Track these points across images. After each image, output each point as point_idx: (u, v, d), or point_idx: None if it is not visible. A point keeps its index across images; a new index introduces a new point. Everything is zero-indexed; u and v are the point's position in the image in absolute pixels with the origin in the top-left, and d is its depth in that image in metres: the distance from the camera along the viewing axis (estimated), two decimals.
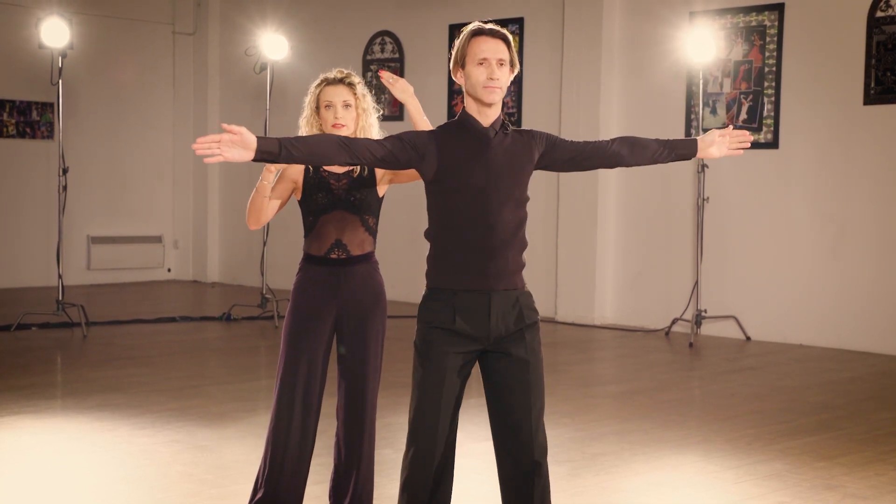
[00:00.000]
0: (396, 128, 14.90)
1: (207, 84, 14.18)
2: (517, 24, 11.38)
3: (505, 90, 3.65)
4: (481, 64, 3.60)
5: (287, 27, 12.03)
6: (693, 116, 10.26)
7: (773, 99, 9.83)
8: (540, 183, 10.94)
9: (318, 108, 4.22)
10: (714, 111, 10.17)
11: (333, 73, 4.27)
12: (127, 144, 13.95)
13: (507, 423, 3.62)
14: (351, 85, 4.24)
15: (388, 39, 12.58)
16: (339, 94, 4.20)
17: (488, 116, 3.61)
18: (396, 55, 12.50)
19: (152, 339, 9.55)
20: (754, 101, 9.94)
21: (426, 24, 12.16)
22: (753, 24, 9.92)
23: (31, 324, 9.95)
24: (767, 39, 9.84)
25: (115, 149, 13.81)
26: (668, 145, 3.82)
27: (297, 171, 4.20)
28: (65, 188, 10.06)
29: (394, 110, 12.57)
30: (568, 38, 10.88)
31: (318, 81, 4.28)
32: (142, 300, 12.33)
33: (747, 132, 3.90)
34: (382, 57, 12.62)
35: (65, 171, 10.08)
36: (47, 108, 13.08)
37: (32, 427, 6.25)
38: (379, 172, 4.28)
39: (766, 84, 9.87)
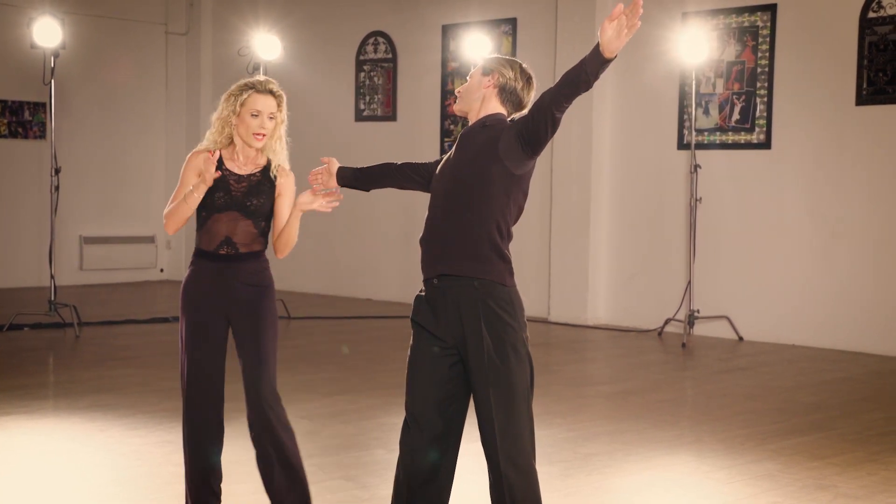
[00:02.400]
0: (390, 128, 14.84)
1: (200, 84, 14.16)
2: (510, 24, 11.38)
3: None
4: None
5: (280, 27, 12.03)
6: (686, 117, 10.27)
7: (765, 99, 9.84)
8: (532, 184, 10.92)
9: (239, 112, 4.22)
10: (707, 111, 10.19)
11: (262, 82, 4.28)
12: (120, 144, 13.93)
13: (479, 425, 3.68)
14: (279, 97, 4.30)
15: (381, 40, 12.57)
16: (267, 105, 4.25)
17: (475, 118, 3.81)
18: (389, 55, 12.50)
19: (145, 340, 9.53)
20: (747, 101, 9.96)
21: (419, 24, 12.16)
22: (746, 24, 9.94)
23: (23, 324, 9.93)
24: (760, 40, 9.86)
25: (108, 149, 13.79)
26: (580, 62, 3.55)
27: (201, 166, 4.20)
28: (57, 188, 10.04)
29: (386, 111, 12.57)
30: (561, 39, 10.88)
31: (243, 85, 4.27)
32: (134, 300, 12.31)
33: (639, 3, 3.61)
34: (376, 57, 12.61)
35: (57, 172, 10.06)
36: (39, 108, 13.06)
37: (24, 427, 6.23)
38: (279, 188, 4.37)
39: (758, 84, 9.88)
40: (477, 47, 10.96)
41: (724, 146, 10.10)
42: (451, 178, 3.72)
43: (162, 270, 14.31)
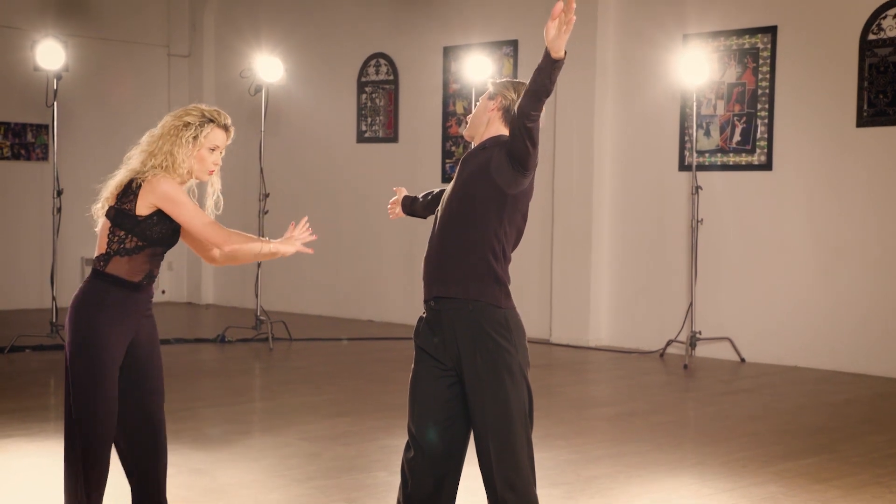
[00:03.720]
0: (392, 150, 14.85)
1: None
2: (511, 46, 11.42)
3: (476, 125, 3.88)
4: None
5: (282, 50, 12.07)
6: (687, 138, 10.29)
7: (766, 121, 9.86)
8: (533, 206, 10.93)
9: (194, 143, 4.07)
10: (708, 133, 10.21)
11: (219, 115, 4.15)
12: (121, 166, 13.94)
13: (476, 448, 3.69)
14: (230, 133, 4.19)
15: (382, 61, 12.61)
16: (224, 142, 4.16)
17: (481, 139, 3.86)
18: (391, 77, 12.54)
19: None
20: (748, 123, 9.98)
21: (420, 46, 12.20)
22: (746, 46, 9.97)
23: (24, 346, 9.92)
24: (760, 62, 9.89)
25: (110, 170, 13.70)
26: (535, 70, 3.63)
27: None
28: (59, 210, 10.06)
29: (388, 132, 12.60)
30: None
31: (202, 118, 4.10)
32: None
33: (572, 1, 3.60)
34: (377, 79, 12.65)
35: (59, 193, 10.08)
36: (42, 129, 13.09)
37: (26, 450, 6.22)
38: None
39: (759, 106, 9.90)
40: (478, 69, 11.00)
41: (725, 168, 10.12)
42: (448, 201, 3.75)
43: (164, 292, 14.31)
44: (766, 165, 9.87)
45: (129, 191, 4.07)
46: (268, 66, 11.03)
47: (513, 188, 3.67)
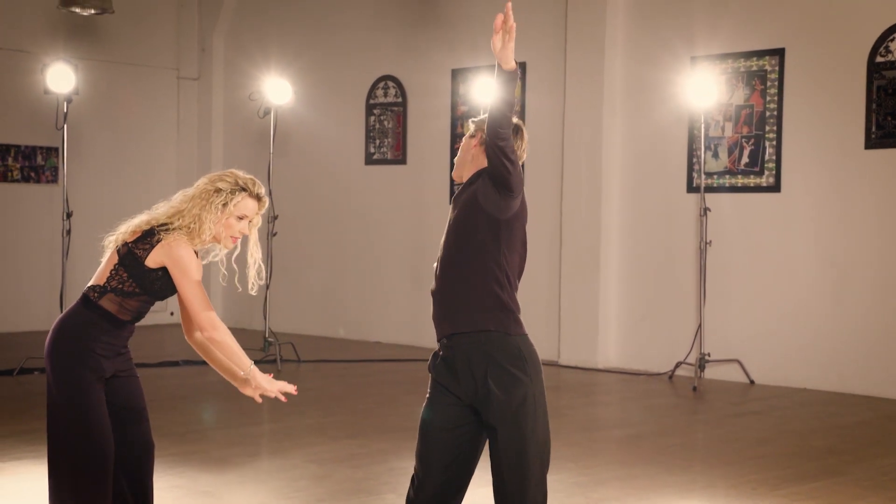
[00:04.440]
0: (400, 172, 14.88)
1: (211, 128, 14.25)
2: (519, 67, 11.42)
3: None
4: None
5: (291, 72, 12.12)
6: (695, 160, 10.29)
7: (774, 143, 9.87)
8: (542, 227, 10.96)
9: (223, 210, 4.03)
10: (716, 155, 10.21)
11: (252, 184, 4.12)
12: (131, 188, 13.99)
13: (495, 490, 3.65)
14: (263, 203, 4.14)
15: (390, 84, 12.65)
16: (254, 212, 4.13)
17: (468, 176, 3.85)
18: (399, 99, 12.57)
19: (154, 384, 9.52)
20: (756, 144, 9.98)
21: (429, 68, 12.24)
22: (754, 68, 9.98)
23: (33, 368, 9.92)
24: (768, 84, 9.90)
25: (120, 193, 13.85)
26: (493, 91, 3.64)
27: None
28: (68, 232, 10.09)
29: (396, 154, 12.62)
30: (570, 83, 10.94)
31: (234, 185, 4.07)
32: (144, 344, 12.28)
33: (508, 6, 3.68)
34: (386, 101, 12.69)
35: (69, 216, 10.12)
36: (52, 152, 13.14)
37: (34, 473, 6.21)
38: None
39: (767, 128, 9.91)
40: (486, 91, 11.03)
41: (734, 189, 10.11)
42: (446, 240, 3.75)
43: (172, 314, 14.32)
44: (775, 187, 9.87)
45: (147, 240, 4.04)
46: (276, 89, 11.07)
47: (504, 213, 3.66)
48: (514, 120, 3.77)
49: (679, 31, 10.40)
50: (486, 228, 3.64)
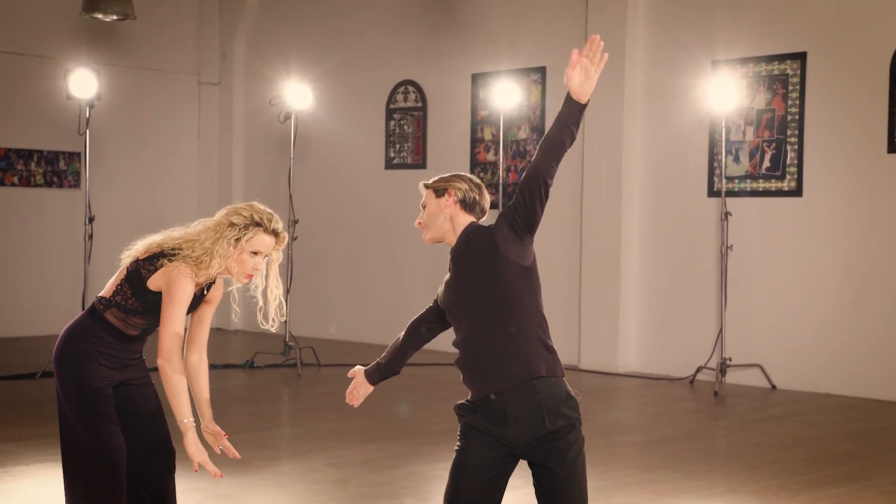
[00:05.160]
0: (420, 176, 14.94)
1: (232, 133, 14.31)
2: (539, 73, 11.44)
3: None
4: None
5: (311, 77, 12.15)
6: (716, 165, 10.26)
7: (796, 147, 9.83)
8: (563, 231, 10.95)
9: (235, 245, 3.95)
10: (737, 159, 10.18)
11: (270, 219, 4.01)
12: (153, 193, 14.07)
13: None
14: (281, 238, 4.05)
15: (411, 88, 12.67)
16: (269, 246, 4.01)
17: (454, 237, 3.76)
18: (419, 104, 12.59)
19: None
20: (777, 149, 9.94)
21: (449, 73, 12.25)
22: (776, 72, 9.95)
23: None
24: (790, 88, 9.86)
25: (141, 197, 13.93)
26: (556, 120, 3.64)
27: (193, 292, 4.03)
28: (91, 237, 10.15)
29: (416, 158, 12.64)
30: None
31: (249, 220, 3.97)
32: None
33: (597, 38, 3.63)
34: (406, 105, 12.71)
35: (91, 220, 10.18)
36: (74, 157, 13.23)
37: (56, 476, 6.22)
38: (209, 296, 4.24)
39: (788, 132, 9.87)
40: (506, 96, 11.03)
41: (755, 193, 10.08)
42: (466, 299, 3.67)
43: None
44: (796, 191, 9.82)
45: (154, 262, 4.03)
46: (297, 94, 11.10)
47: (526, 259, 3.63)
48: (472, 176, 3.83)
49: (699, 35, 10.38)
50: (515, 277, 3.60)
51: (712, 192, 10.32)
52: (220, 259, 3.95)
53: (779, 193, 9.93)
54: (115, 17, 10.71)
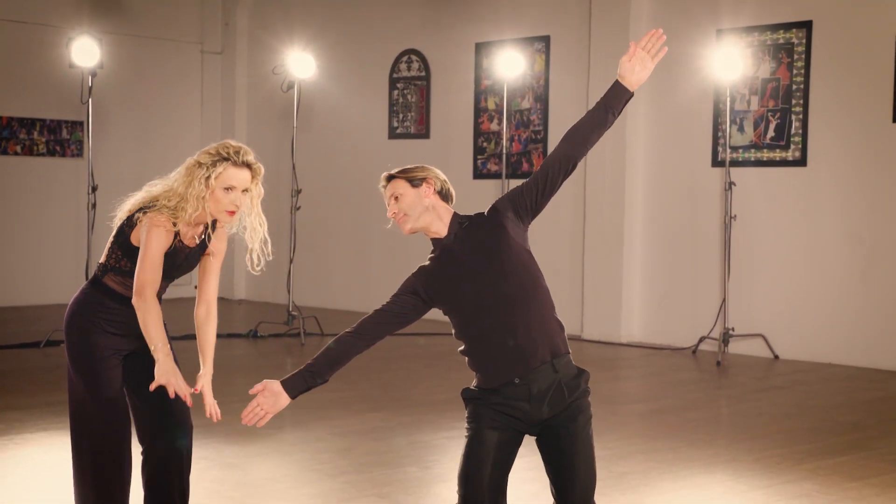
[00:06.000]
0: (423, 146, 14.79)
1: (235, 102, 14.27)
2: (543, 41, 11.39)
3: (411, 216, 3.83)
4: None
5: (314, 46, 12.10)
6: (720, 134, 10.23)
7: (800, 116, 9.79)
8: (566, 201, 10.93)
9: (206, 184, 3.83)
10: (741, 129, 10.14)
11: (238, 153, 3.87)
12: (155, 162, 13.99)
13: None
14: (255, 170, 3.93)
15: (414, 58, 12.62)
16: (242, 180, 3.88)
17: (442, 226, 3.73)
18: (423, 73, 12.54)
19: (179, 357, 9.52)
20: (782, 118, 9.90)
21: (453, 42, 12.19)
22: (781, 41, 9.89)
23: (59, 340, 9.98)
24: (795, 57, 9.81)
25: (144, 166, 13.86)
26: (600, 105, 3.64)
27: (169, 239, 3.94)
28: (94, 206, 10.15)
29: (420, 128, 12.60)
30: (594, 57, 10.87)
31: (215, 154, 3.85)
32: (169, 317, 12.31)
33: (659, 31, 3.67)
34: (409, 75, 12.66)
35: (94, 189, 10.17)
36: (77, 126, 13.20)
37: (61, 443, 6.27)
38: (211, 248, 4.15)
39: (793, 102, 9.83)
40: (510, 65, 10.98)
41: (759, 163, 10.05)
42: (490, 286, 3.61)
43: (196, 287, 14.40)
44: (801, 161, 9.79)
45: (133, 218, 3.99)
46: (300, 63, 11.06)
47: (527, 242, 3.68)
48: (440, 175, 3.82)
49: (705, 4, 10.31)
50: (528, 260, 3.63)
51: (716, 162, 10.29)
52: (195, 200, 3.84)
53: (783, 163, 9.90)
54: None
